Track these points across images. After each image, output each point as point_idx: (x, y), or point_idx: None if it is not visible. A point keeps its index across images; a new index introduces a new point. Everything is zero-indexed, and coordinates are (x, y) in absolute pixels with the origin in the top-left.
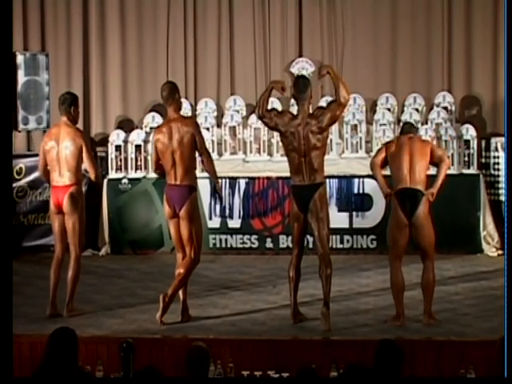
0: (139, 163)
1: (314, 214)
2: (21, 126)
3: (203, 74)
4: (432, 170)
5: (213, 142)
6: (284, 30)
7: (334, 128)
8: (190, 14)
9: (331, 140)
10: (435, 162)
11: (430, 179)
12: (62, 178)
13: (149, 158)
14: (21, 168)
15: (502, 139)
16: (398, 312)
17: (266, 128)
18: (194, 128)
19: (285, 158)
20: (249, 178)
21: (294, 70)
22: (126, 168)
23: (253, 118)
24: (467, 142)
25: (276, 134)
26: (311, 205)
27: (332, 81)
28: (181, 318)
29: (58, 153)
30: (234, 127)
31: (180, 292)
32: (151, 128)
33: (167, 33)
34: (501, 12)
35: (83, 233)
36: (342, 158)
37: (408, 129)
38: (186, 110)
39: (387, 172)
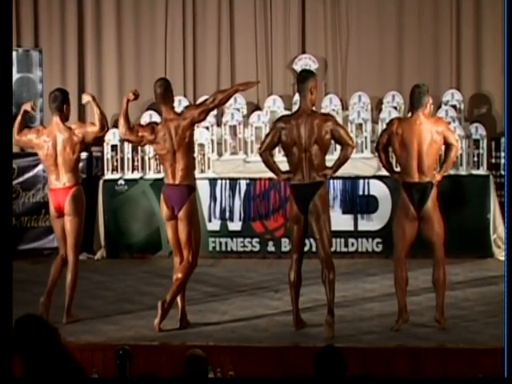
0: (136, 163)
1: (315, 216)
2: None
3: (203, 71)
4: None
5: (212, 141)
6: (286, 25)
7: None
8: (189, 9)
9: None
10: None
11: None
12: (62, 180)
13: (146, 158)
14: (13, 169)
15: None
16: (400, 309)
17: (268, 127)
18: (190, 114)
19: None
20: (250, 178)
21: (297, 66)
22: (123, 168)
23: (254, 116)
24: (476, 141)
25: None
26: (311, 206)
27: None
28: (179, 325)
29: (55, 158)
30: (235, 126)
31: (178, 298)
32: None
33: (165, 28)
34: None
35: (81, 235)
36: None
37: (419, 100)
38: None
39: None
